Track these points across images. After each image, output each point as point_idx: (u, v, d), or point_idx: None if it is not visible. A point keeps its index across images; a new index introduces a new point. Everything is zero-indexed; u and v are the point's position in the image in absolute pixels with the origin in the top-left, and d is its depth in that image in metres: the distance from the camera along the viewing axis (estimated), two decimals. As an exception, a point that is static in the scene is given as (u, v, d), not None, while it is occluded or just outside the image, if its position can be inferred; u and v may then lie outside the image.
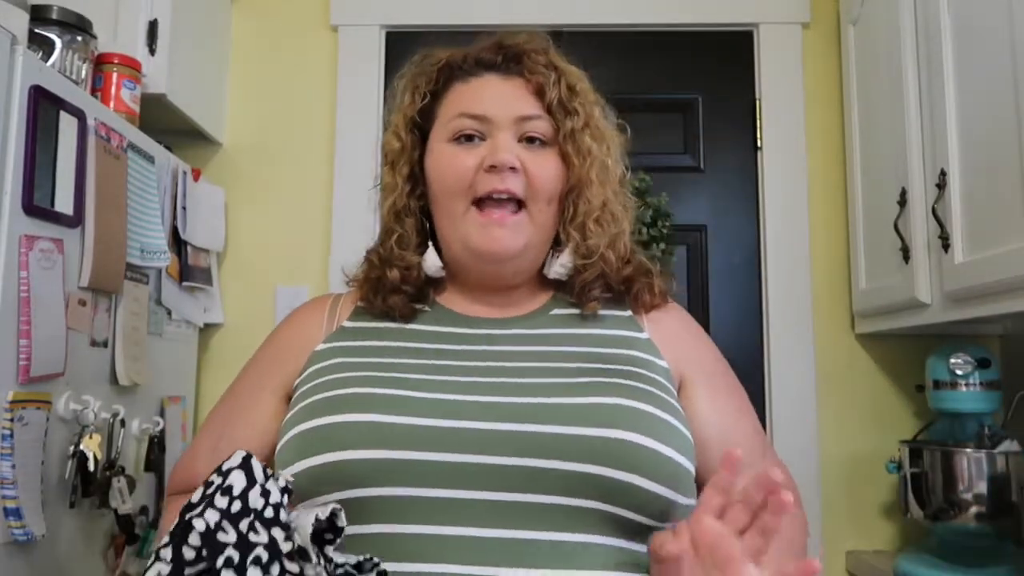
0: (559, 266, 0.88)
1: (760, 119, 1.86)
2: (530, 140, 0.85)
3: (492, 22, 1.91)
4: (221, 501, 0.62)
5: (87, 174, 1.27)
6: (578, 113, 0.86)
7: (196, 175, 1.72)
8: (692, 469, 0.76)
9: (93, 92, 1.42)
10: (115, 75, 1.47)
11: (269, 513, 0.62)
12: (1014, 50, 1.11)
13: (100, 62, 1.45)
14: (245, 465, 0.64)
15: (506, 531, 0.69)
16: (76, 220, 1.24)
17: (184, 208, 1.64)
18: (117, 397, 1.36)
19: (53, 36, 1.30)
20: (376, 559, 0.65)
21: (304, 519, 0.62)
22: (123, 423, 1.33)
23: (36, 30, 1.26)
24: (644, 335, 0.85)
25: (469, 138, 0.85)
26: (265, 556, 0.60)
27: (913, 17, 1.45)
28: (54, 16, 1.31)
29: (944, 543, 1.45)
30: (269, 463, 0.76)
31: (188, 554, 0.60)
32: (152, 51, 1.57)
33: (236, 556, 0.59)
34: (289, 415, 0.79)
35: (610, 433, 0.71)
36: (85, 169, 1.26)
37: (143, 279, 1.47)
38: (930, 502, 1.42)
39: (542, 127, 0.86)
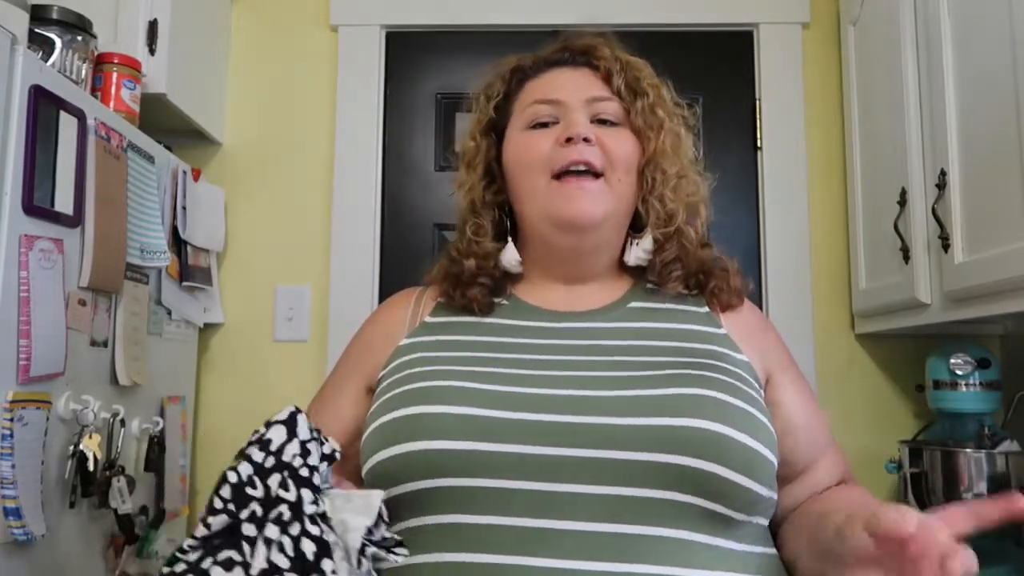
0: (640, 251, 0.89)
1: (760, 119, 1.87)
2: (601, 122, 0.88)
3: (492, 22, 1.91)
4: (257, 455, 0.62)
5: (87, 174, 1.27)
6: (647, 93, 0.89)
7: (196, 175, 1.72)
8: (774, 460, 0.75)
9: (93, 92, 1.42)
10: (115, 75, 1.47)
11: (304, 472, 0.62)
12: (1014, 50, 1.11)
13: (100, 62, 1.45)
14: (289, 420, 0.64)
15: (585, 524, 0.69)
16: (76, 220, 1.24)
17: (184, 208, 1.64)
18: (117, 397, 1.36)
19: (53, 36, 1.30)
20: (398, 538, 0.64)
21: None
22: (123, 423, 1.33)
23: (36, 30, 1.26)
24: (722, 331, 0.86)
25: (544, 124, 0.88)
26: (288, 515, 0.59)
27: (913, 17, 1.44)
28: (54, 16, 1.31)
29: (944, 543, 1.44)
30: (354, 451, 0.79)
31: (217, 504, 0.60)
32: (152, 51, 1.57)
33: (259, 511, 0.59)
34: (374, 406, 0.81)
35: (691, 422, 0.71)
36: (85, 169, 1.26)
37: (143, 279, 1.47)
38: (930, 502, 1.42)
39: (612, 108, 0.89)
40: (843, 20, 1.82)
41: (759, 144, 1.86)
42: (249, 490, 0.60)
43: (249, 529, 0.59)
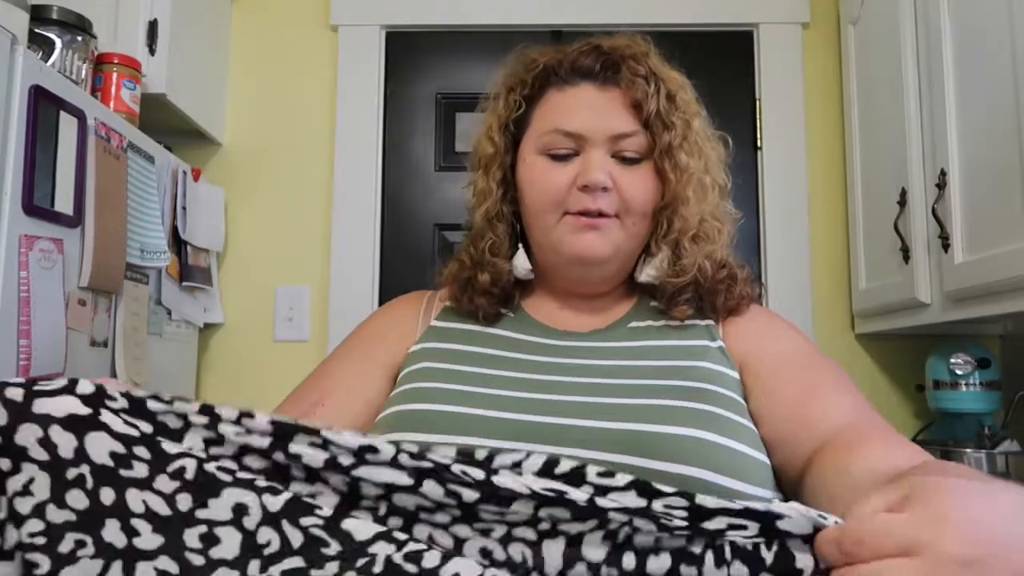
0: (651, 269, 0.86)
1: (760, 119, 1.87)
2: (623, 158, 0.84)
3: (492, 22, 1.91)
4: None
5: (87, 174, 1.27)
6: (675, 127, 0.84)
7: (196, 175, 1.72)
8: (763, 493, 0.72)
9: (93, 92, 1.42)
10: (115, 75, 1.47)
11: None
12: (1014, 50, 1.11)
13: (100, 62, 1.45)
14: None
15: None
16: (76, 220, 1.24)
17: (184, 208, 1.64)
18: (117, 397, 1.36)
19: (53, 36, 1.30)
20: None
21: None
22: (123, 423, 1.33)
23: (36, 30, 1.26)
24: (716, 344, 0.82)
25: (562, 156, 0.84)
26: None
27: (913, 17, 1.45)
28: (54, 16, 1.31)
29: (944, 543, 1.44)
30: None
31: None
32: (152, 51, 1.57)
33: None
34: (379, 417, 0.80)
35: (670, 467, 0.69)
36: (85, 169, 1.26)
37: (143, 279, 1.47)
38: (930, 502, 1.42)
39: (636, 144, 0.84)
40: (843, 20, 1.82)
41: (759, 144, 1.86)
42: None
43: None
